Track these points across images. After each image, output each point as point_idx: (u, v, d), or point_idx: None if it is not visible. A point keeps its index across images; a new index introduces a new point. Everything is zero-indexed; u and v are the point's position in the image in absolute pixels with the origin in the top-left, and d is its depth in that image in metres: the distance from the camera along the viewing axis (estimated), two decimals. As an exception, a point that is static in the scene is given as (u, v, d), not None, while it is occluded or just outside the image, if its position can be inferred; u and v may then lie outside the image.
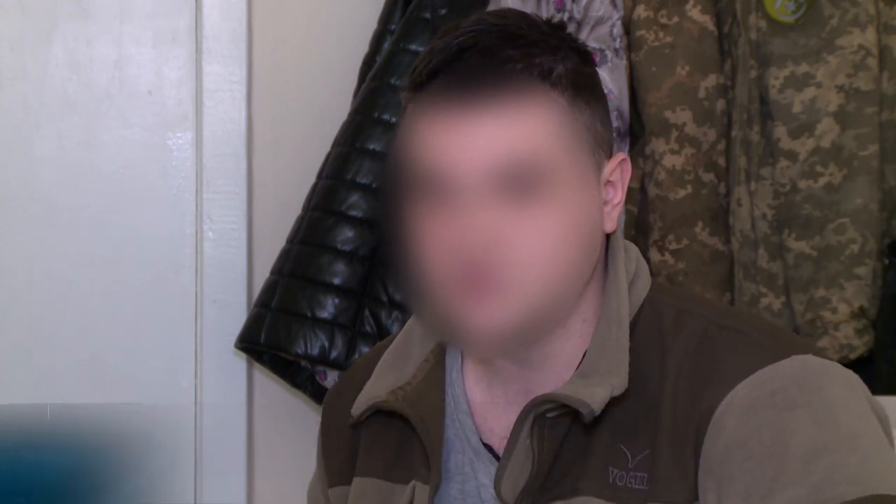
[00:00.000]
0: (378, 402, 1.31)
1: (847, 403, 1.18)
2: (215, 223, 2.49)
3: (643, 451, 1.20)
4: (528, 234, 1.18)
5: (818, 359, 1.21)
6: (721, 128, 2.27)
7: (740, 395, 1.17)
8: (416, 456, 1.31)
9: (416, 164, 1.21)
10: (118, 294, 2.50)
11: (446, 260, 1.19)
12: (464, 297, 1.19)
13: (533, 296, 1.19)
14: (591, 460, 1.21)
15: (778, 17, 2.19)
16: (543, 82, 1.20)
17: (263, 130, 2.53)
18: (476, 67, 1.19)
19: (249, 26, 2.50)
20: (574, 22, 2.25)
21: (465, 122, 1.19)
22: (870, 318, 2.17)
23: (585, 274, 1.24)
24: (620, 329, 1.23)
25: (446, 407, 1.32)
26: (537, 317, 1.21)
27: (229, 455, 2.49)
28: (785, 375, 1.18)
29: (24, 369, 2.49)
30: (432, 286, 1.22)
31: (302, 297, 2.29)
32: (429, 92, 1.21)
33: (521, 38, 1.21)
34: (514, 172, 1.18)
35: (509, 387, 1.29)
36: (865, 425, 1.17)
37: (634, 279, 1.28)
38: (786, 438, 1.14)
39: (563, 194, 1.20)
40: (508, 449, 1.23)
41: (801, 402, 1.16)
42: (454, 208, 1.19)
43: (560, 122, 1.20)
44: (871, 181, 2.16)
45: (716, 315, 1.25)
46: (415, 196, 1.22)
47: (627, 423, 1.21)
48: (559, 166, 1.20)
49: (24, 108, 2.49)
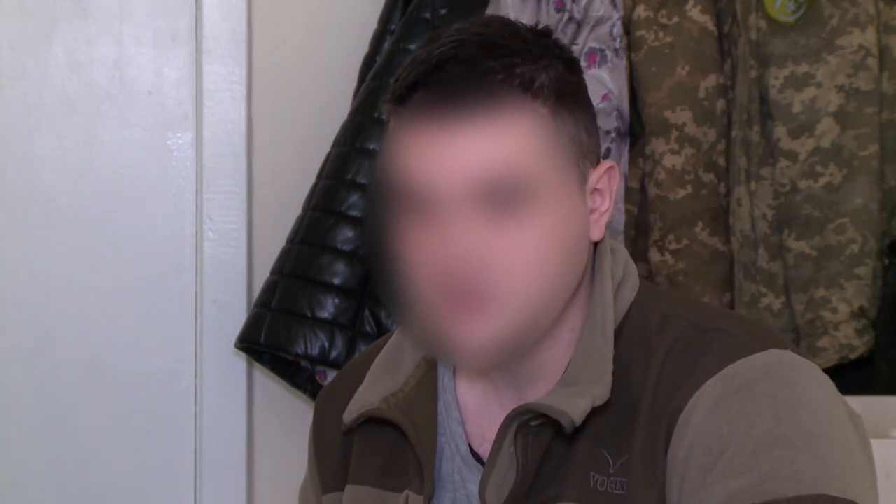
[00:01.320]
0: (370, 410, 1.30)
1: (816, 402, 1.16)
2: (215, 223, 2.49)
3: (623, 457, 1.19)
4: (512, 247, 1.17)
5: (797, 356, 1.19)
6: (721, 128, 2.27)
7: (708, 392, 1.16)
8: (409, 464, 1.30)
9: (399, 179, 1.20)
10: (118, 294, 2.50)
11: (431, 276, 1.18)
12: (450, 312, 1.19)
13: (519, 310, 1.18)
14: (573, 467, 1.21)
15: (778, 17, 2.19)
16: (525, 93, 1.18)
17: (263, 130, 2.53)
18: (456, 80, 1.17)
19: (249, 26, 2.50)
20: (574, 22, 2.25)
21: (446, 135, 1.17)
22: (870, 318, 2.17)
23: (572, 284, 1.23)
24: (604, 337, 1.22)
25: (439, 414, 1.31)
26: (524, 330, 1.20)
27: (229, 455, 2.49)
28: (755, 368, 1.16)
29: (24, 369, 2.49)
30: (419, 302, 1.21)
31: (302, 297, 2.29)
32: (409, 105, 1.19)
33: (501, 47, 1.19)
34: (495, 186, 1.17)
35: (502, 394, 1.28)
36: (830, 425, 1.14)
37: (622, 284, 1.27)
38: (742, 430, 1.13)
39: (546, 206, 1.18)
40: (492, 457, 1.22)
41: (765, 394, 1.14)
42: (437, 224, 1.18)
43: (542, 134, 1.19)
44: (871, 181, 2.16)
45: (700, 318, 1.23)
46: (399, 211, 1.21)
47: (610, 429, 1.20)
48: (542, 178, 1.18)
49: (24, 108, 2.49)
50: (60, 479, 2.49)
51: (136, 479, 2.51)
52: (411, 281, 1.20)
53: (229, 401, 2.50)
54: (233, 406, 2.50)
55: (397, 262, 1.22)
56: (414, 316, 1.23)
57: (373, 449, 1.34)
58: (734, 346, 1.19)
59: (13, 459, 2.49)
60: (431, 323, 1.21)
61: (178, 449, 2.51)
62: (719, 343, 1.19)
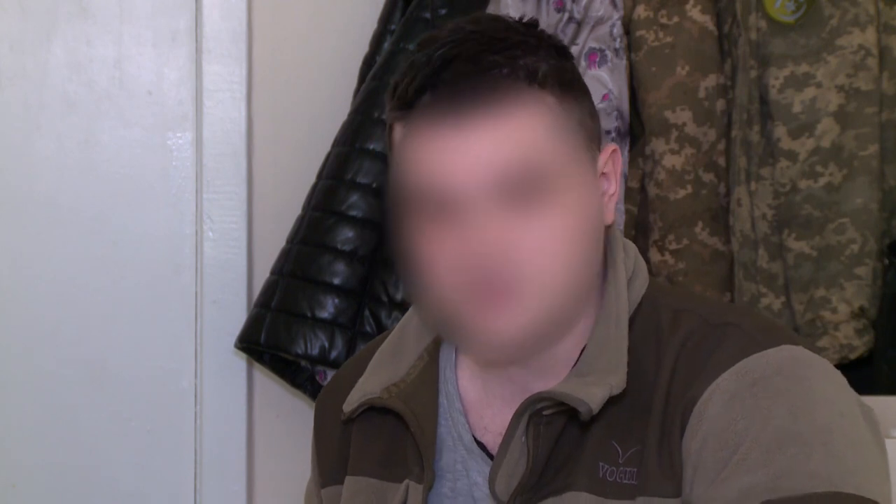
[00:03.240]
0: (371, 399, 1.31)
1: (829, 398, 1.17)
2: (215, 223, 2.49)
3: (634, 447, 1.20)
4: (537, 239, 1.18)
5: (809, 352, 1.20)
6: (721, 128, 2.27)
7: (723, 385, 1.17)
8: (408, 453, 1.31)
9: (416, 184, 1.21)
10: (118, 294, 2.50)
11: (456, 274, 1.19)
12: (480, 307, 1.19)
13: (548, 298, 1.20)
14: (582, 456, 1.22)
15: (778, 17, 2.19)
16: (531, 84, 1.19)
17: (263, 130, 2.53)
18: (462, 78, 1.18)
19: (249, 26, 2.50)
20: (574, 22, 2.25)
21: (460, 135, 1.18)
22: (870, 318, 2.17)
23: (594, 270, 1.25)
24: (619, 328, 1.23)
25: (440, 405, 1.32)
26: (553, 320, 1.21)
27: (229, 455, 2.49)
28: (769, 364, 1.17)
29: (24, 369, 2.49)
30: (443, 301, 1.22)
31: (302, 297, 2.29)
32: (418, 109, 1.20)
33: (501, 41, 1.20)
34: (514, 180, 1.18)
35: (506, 386, 1.29)
36: (843, 421, 1.15)
37: (633, 277, 1.28)
38: (758, 425, 1.14)
39: (566, 194, 1.20)
40: (503, 447, 1.23)
41: (780, 390, 1.15)
42: (461, 223, 1.19)
43: (552, 123, 1.20)
44: (871, 181, 2.16)
45: (712, 313, 1.24)
46: (418, 215, 1.22)
47: (620, 419, 1.21)
48: (558, 167, 1.20)
49: (24, 108, 2.49)
50: (60, 479, 2.49)
51: (136, 478, 2.51)
52: (434, 281, 1.21)
53: (229, 401, 2.50)
54: (233, 406, 2.50)
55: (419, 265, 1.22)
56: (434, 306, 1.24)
57: (372, 439, 1.34)
58: (747, 342, 1.20)
59: (13, 459, 2.49)
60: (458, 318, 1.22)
61: (178, 449, 2.51)
62: (732, 338, 1.20)
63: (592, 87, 2.26)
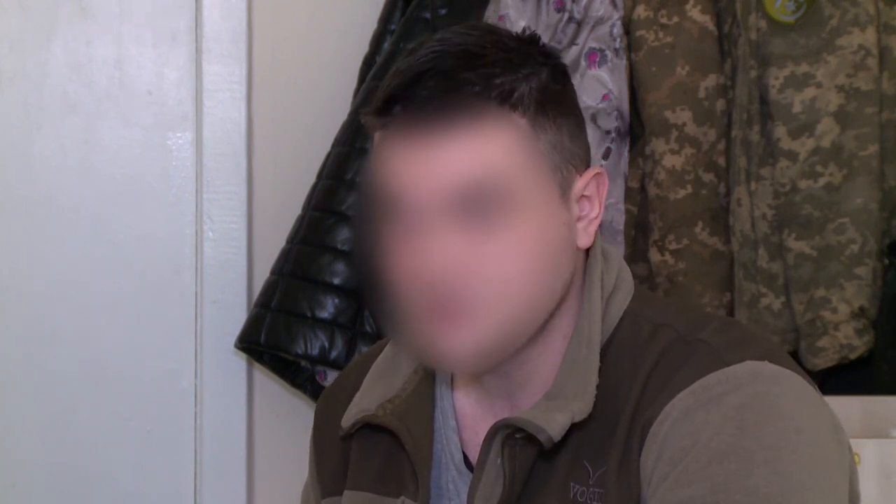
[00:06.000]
0: (367, 416, 1.31)
1: (787, 414, 1.14)
2: (215, 223, 2.49)
3: (602, 468, 1.19)
4: (490, 257, 1.17)
5: (774, 366, 1.17)
6: (721, 128, 2.27)
7: (678, 405, 1.16)
8: (404, 470, 1.30)
9: (381, 190, 1.21)
10: (118, 294, 2.50)
11: (414, 286, 1.19)
12: (431, 322, 1.19)
13: (498, 319, 1.18)
14: (555, 478, 1.21)
15: (778, 17, 2.19)
16: (502, 105, 1.18)
17: (263, 130, 2.53)
18: (431, 94, 1.17)
19: (249, 26, 2.51)
20: (574, 22, 2.25)
21: (423, 147, 1.18)
22: (870, 318, 2.17)
23: (556, 292, 1.22)
24: (590, 349, 1.22)
25: (435, 420, 1.31)
26: (505, 338, 1.20)
27: (229, 455, 2.49)
28: (728, 380, 1.16)
29: (24, 369, 2.49)
30: (404, 311, 1.21)
31: (302, 297, 2.29)
32: (389, 118, 1.19)
33: (480, 58, 1.19)
34: (471, 197, 1.17)
35: (496, 402, 1.28)
36: (798, 438, 1.13)
37: (614, 292, 1.26)
38: (704, 440, 1.12)
39: (524, 215, 1.18)
40: (479, 469, 1.22)
41: (734, 406, 1.13)
42: (416, 234, 1.18)
43: (519, 144, 1.18)
44: (871, 181, 2.16)
45: (688, 329, 1.22)
46: (384, 221, 1.22)
47: (592, 440, 1.20)
48: (519, 188, 1.18)
49: (24, 108, 2.49)
50: (60, 479, 2.49)
51: (136, 478, 2.51)
52: (397, 290, 1.21)
53: (229, 401, 2.50)
54: (233, 406, 2.50)
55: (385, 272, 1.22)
56: (403, 326, 1.23)
57: (370, 454, 1.34)
58: (710, 359, 1.18)
59: (13, 459, 2.49)
60: (416, 330, 1.22)
61: (178, 449, 2.51)
62: (697, 355, 1.19)
63: (592, 87, 2.27)
